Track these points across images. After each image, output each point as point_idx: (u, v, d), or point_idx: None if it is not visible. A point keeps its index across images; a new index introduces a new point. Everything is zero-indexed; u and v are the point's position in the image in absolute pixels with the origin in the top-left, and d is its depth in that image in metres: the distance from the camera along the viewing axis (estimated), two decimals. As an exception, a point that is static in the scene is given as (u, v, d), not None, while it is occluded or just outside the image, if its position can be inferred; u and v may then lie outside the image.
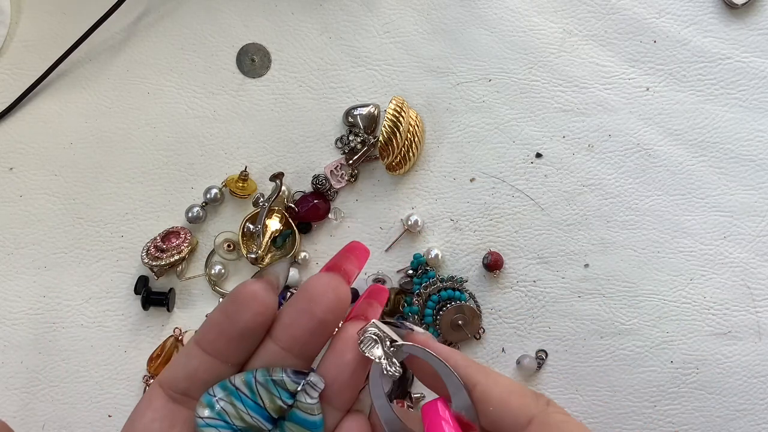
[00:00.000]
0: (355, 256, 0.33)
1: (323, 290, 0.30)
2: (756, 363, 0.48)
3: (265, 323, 0.30)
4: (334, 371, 0.30)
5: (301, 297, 0.30)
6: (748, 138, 0.50)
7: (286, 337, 0.30)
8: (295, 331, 0.30)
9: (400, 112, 0.48)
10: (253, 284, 0.30)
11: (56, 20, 0.52)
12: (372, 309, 0.34)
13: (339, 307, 0.30)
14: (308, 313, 0.30)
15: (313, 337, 0.30)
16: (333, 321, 0.30)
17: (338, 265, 0.32)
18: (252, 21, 0.52)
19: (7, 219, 0.50)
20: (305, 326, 0.30)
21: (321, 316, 0.29)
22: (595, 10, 0.51)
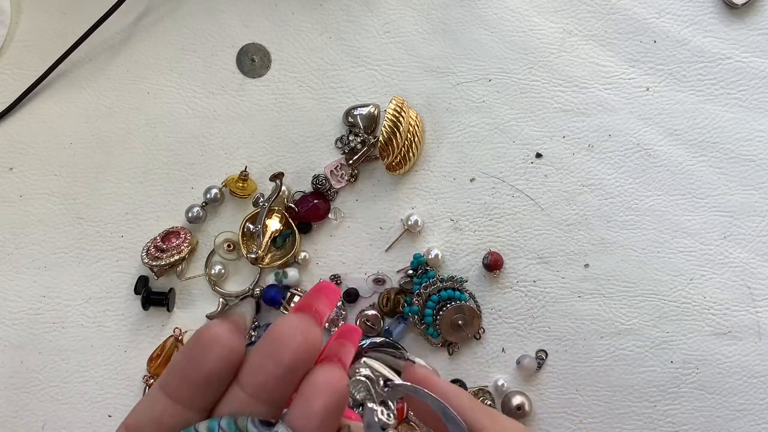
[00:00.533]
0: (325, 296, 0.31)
1: (291, 333, 0.28)
2: (756, 363, 0.48)
3: (230, 368, 0.28)
4: (302, 421, 0.28)
5: (268, 340, 0.29)
6: (748, 138, 0.50)
7: (253, 384, 0.28)
8: (261, 378, 0.28)
9: (400, 112, 0.48)
10: (217, 326, 0.29)
11: (56, 20, 0.52)
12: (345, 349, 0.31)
13: (308, 351, 0.28)
14: (275, 359, 0.28)
15: (280, 384, 0.28)
16: (302, 366, 0.28)
17: (308, 305, 0.31)
18: (252, 21, 0.52)
19: (7, 219, 0.50)
20: (272, 372, 0.28)
21: (288, 362, 0.28)
22: (595, 10, 0.51)
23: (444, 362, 0.49)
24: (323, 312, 0.31)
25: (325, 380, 0.28)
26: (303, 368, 0.28)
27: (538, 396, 0.48)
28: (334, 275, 0.49)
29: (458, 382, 0.48)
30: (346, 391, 0.29)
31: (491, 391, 0.48)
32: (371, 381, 0.28)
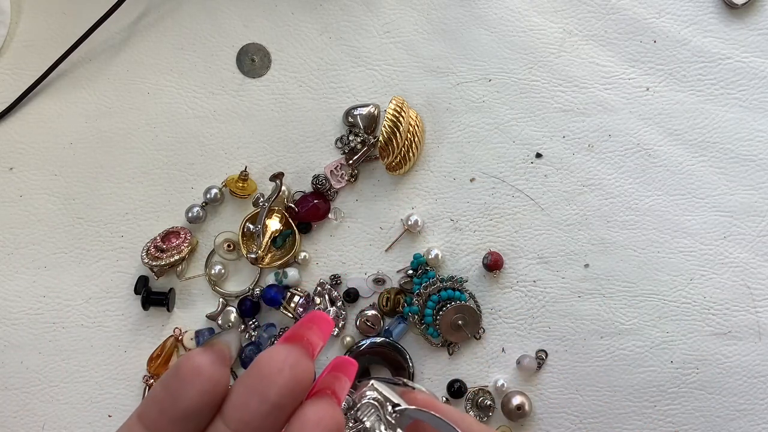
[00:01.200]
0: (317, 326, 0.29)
1: (278, 368, 0.26)
2: (756, 363, 0.48)
3: (212, 402, 0.26)
4: None
5: (254, 374, 0.26)
6: (748, 138, 0.50)
7: (236, 420, 0.26)
8: (246, 415, 0.26)
9: (400, 112, 0.48)
10: (199, 356, 0.26)
11: (56, 20, 0.52)
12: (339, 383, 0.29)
13: (297, 387, 0.26)
14: (260, 395, 0.26)
15: (266, 422, 0.26)
16: (290, 403, 0.26)
17: (299, 335, 0.28)
18: (252, 21, 0.52)
19: (7, 219, 0.50)
20: (256, 410, 0.26)
21: (275, 399, 0.26)
22: (595, 10, 0.51)
23: (444, 362, 0.49)
24: (316, 343, 0.29)
25: (316, 418, 0.26)
26: (291, 404, 0.27)
27: (538, 396, 0.48)
28: (334, 275, 0.49)
29: (458, 382, 0.48)
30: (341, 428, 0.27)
31: (491, 391, 0.48)
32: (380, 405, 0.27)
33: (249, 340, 0.49)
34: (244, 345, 0.48)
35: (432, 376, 0.49)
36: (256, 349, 0.48)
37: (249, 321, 0.49)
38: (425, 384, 0.49)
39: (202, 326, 0.49)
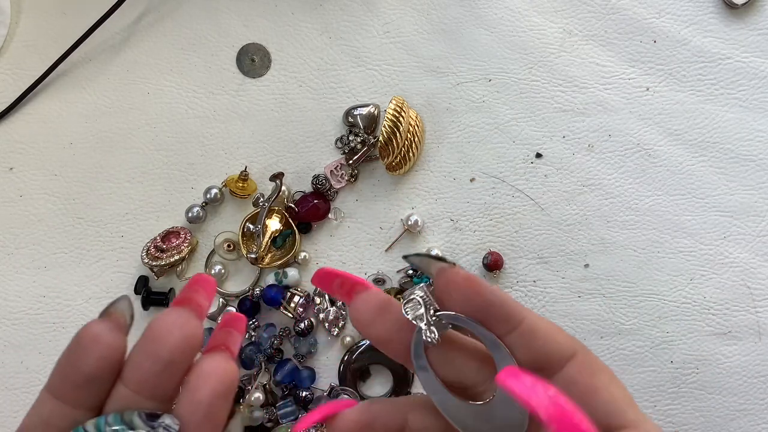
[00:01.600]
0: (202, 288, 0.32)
1: (168, 329, 0.29)
2: (756, 363, 0.48)
3: (112, 366, 0.29)
4: (188, 410, 0.28)
5: (146, 337, 0.29)
6: (748, 138, 0.50)
7: (134, 380, 0.29)
8: (142, 374, 0.28)
9: (400, 112, 0.48)
10: (96, 325, 0.29)
11: (56, 20, 0.52)
12: (231, 337, 0.32)
13: (188, 344, 0.29)
14: (153, 355, 0.28)
15: (161, 379, 0.29)
16: (182, 360, 0.29)
17: (188, 298, 0.31)
18: (252, 21, 0.52)
19: (7, 219, 0.50)
20: (150, 369, 0.28)
21: (167, 357, 0.28)
22: (595, 10, 0.51)
23: (444, 362, 0.49)
24: (203, 304, 0.31)
25: (210, 369, 0.29)
26: (183, 361, 0.29)
27: (538, 396, 0.48)
28: (334, 275, 0.49)
29: (458, 382, 0.48)
30: (234, 378, 0.29)
31: (491, 391, 0.48)
32: (425, 304, 0.29)
33: (249, 340, 0.49)
34: (245, 345, 0.48)
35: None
36: (256, 348, 0.48)
37: (249, 321, 0.49)
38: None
39: (202, 326, 0.49)
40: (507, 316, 0.29)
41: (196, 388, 0.28)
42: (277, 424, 0.47)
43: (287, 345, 0.49)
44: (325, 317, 0.48)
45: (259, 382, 0.48)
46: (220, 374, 0.29)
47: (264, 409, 0.47)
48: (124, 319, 0.31)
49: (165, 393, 0.29)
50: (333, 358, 0.49)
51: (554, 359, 0.29)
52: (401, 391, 0.48)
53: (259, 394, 0.47)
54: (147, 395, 0.29)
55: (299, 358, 0.48)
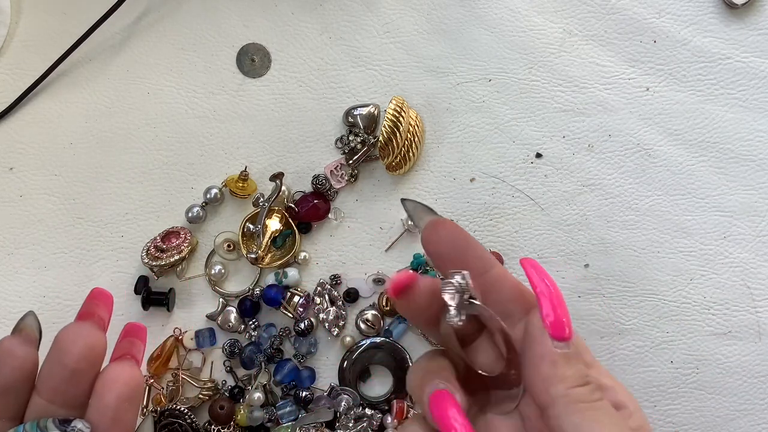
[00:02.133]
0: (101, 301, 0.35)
1: (72, 340, 0.32)
2: (756, 363, 0.48)
3: (25, 377, 0.32)
4: (96, 414, 0.31)
5: (53, 349, 0.32)
6: (748, 138, 0.50)
7: (47, 389, 0.31)
8: (52, 383, 0.31)
9: (400, 112, 0.48)
10: (8, 340, 0.32)
11: (56, 20, 0.52)
12: (134, 347, 0.35)
13: (92, 354, 0.32)
14: (59, 364, 0.31)
15: (70, 387, 0.31)
16: (88, 368, 0.32)
17: (89, 312, 0.34)
18: (252, 21, 0.52)
19: (7, 219, 0.50)
20: (59, 377, 0.31)
21: (73, 366, 0.31)
22: (595, 10, 0.51)
23: (444, 362, 0.49)
24: (104, 317, 0.35)
25: (114, 376, 0.32)
26: (89, 370, 0.32)
27: (538, 396, 0.48)
28: (334, 275, 0.49)
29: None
30: (139, 382, 0.33)
31: (491, 391, 0.48)
32: (462, 289, 0.32)
33: (249, 340, 0.49)
34: (245, 345, 0.48)
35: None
36: (256, 348, 0.48)
37: (249, 321, 0.49)
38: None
39: (202, 326, 0.49)
40: (483, 257, 0.34)
41: (102, 394, 0.32)
42: (277, 424, 0.47)
43: (287, 345, 0.49)
44: (325, 317, 0.48)
45: (259, 382, 0.48)
46: (125, 379, 0.32)
47: (264, 409, 0.47)
48: (33, 333, 0.33)
49: (76, 400, 0.32)
50: (333, 358, 0.49)
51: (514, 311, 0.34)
52: (401, 391, 0.48)
53: (259, 394, 0.47)
54: (60, 403, 0.32)
55: (299, 358, 0.48)
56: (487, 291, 0.33)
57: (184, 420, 0.46)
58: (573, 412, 0.29)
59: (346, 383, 0.48)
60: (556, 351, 0.30)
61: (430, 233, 0.35)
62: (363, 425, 0.47)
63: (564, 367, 0.30)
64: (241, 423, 0.47)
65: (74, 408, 0.32)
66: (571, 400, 0.29)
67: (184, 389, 0.48)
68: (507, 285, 0.34)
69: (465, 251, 0.34)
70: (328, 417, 0.47)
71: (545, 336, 0.30)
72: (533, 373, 0.31)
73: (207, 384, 0.48)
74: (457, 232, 0.34)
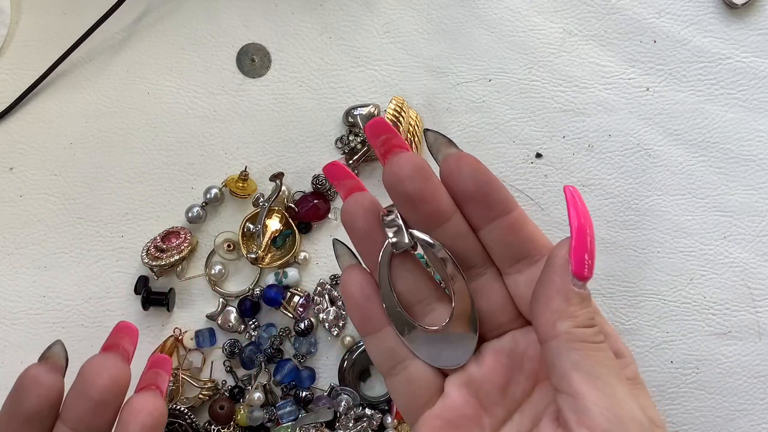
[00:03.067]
0: (126, 334, 0.36)
1: (97, 372, 0.33)
2: (756, 363, 0.48)
3: (51, 405, 0.33)
4: None
5: (78, 380, 0.33)
6: (748, 138, 0.50)
7: (72, 419, 0.32)
8: (77, 413, 0.32)
9: (400, 112, 0.48)
10: (35, 368, 0.33)
11: (56, 20, 0.52)
12: (160, 377, 0.37)
13: (116, 385, 0.33)
14: (85, 395, 0.32)
15: (95, 417, 0.32)
16: (112, 399, 0.33)
17: (114, 344, 0.35)
18: (252, 21, 0.52)
19: (7, 219, 0.50)
20: (84, 407, 0.32)
21: (98, 397, 0.32)
22: (595, 10, 0.51)
23: (444, 362, 0.49)
24: (128, 349, 0.36)
25: (140, 406, 0.33)
26: (114, 400, 0.33)
27: (538, 396, 0.48)
28: (334, 275, 0.49)
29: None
30: (163, 413, 0.34)
31: (491, 391, 0.48)
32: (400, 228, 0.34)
33: (249, 340, 0.49)
34: (244, 345, 0.48)
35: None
36: (256, 348, 0.48)
37: (249, 321, 0.49)
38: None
39: (202, 326, 0.49)
40: (505, 199, 0.34)
41: (127, 423, 0.33)
42: (277, 424, 0.47)
43: (287, 345, 0.49)
44: (325, 317, 0.48)
45: (259, 382, 0.48)
46: (149, 410, 0.33)
47: (264, 409, 0.47)
48: (60, 361, 0.34)
49: (100, 429, 0.33)
50: (333, 358, 0.49)
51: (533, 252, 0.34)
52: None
53: (259, 394, 0.47)
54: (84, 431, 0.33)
55: (299, 358, 0.48)
56: (507, 233, 0.34)
57: (184, 420, 0.46)
58: (575, 348, 0.30)
59: (346, 383, 0.48)
60: (572, 288, 0.31)
61: (452, 167, 0.34)
62: (363, 425, 0.47)
63: (577, 305, 0.31)
64: (241, 423, 0.47)
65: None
66: (576, 337, 0.30)
67: (184, 389, 0.48)
68: (526, 229, 0.34)
69: (487, 189, 0.33)
70: (328, 417, 0.47)
71: (566, 270, 0.32)
72: (544, 303, 0.31)
73: (207, 384, 0.48)
74: (480, 169, 0.33)
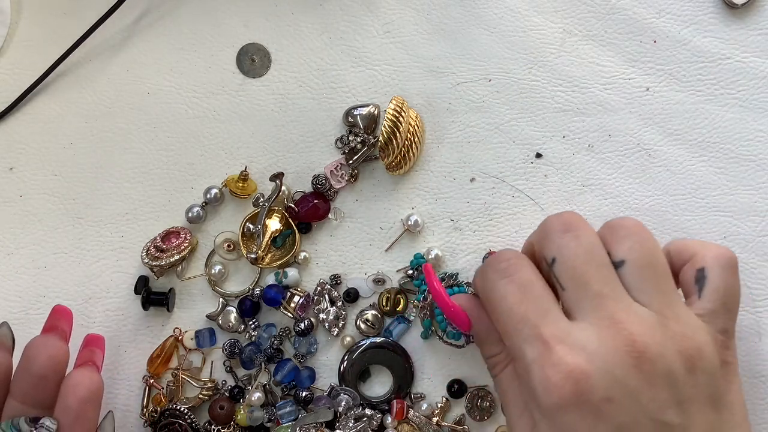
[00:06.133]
0: (62, 317, 0.41)
1: (36, 351, 0.38)
2: (756, 363, 0.48)
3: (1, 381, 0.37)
4: (61, 414, 0.36)
5: (23, 357, 0.38)
6: (748, 138, 0.50)
7: (19, 393, 0.37)
8: (22, 387, 0.37)
9: (400, 112, 0.48)
10: None
11: (56, 20, 0.52)
12: (94, 355, 0.41)
13: (55, 362, 0.37)
14: (28, 372, 0.37)
15: (38, 391, 0.37)
16: (53, 374, 0.37)
17: (53, 326, 0.40)
18: (252, 21, 0.52)
19: (7, 219, 0.50)
20: (29, 382, 0.37)
21: (39, 372, 0.37)
22: (595, 10, 0.51)
23: (444, 362, 0.49)
24: (66, 329, 0.41)
25: (77, 380, 0.37)
26: (54, 376, 0.37)
27: (538, 396, 0.48)
28: (334, 275, 0.49)
29: (458, 382, 0.48)
30: (99, 386, 0.38)
31: (491, 392, 0.48)
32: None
33: (249, 340, 0.49)
34: (244, 345, 0.48)
35: (432, 375, 0.49)
36: (256, 348, 0.48)
37: (249, 321, 0.49)
38: (425, 384, 0.49)
39: (202, 326, 0.49)
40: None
41: (66, 396, 0.37)
42: (277, 424, 0.47)
43: (287, 345, 0.49)
44: (325, 317, 0.48)
45: (259, 382, 0.48)
46: (86, 384, 0.37)
47: (264, 409, 0.47)
48: (7, 342, 0.40)
49: (44, 401, 0.37)
50: (333, 358, 0.49)
51: None
52: (401, 391, 0.48)
53: (259, 394, 0.47)
54: (30, 404, 0.37)
55: (299, 358, 0.48)
56: None
57: (184, 420, 0.46)
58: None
59: (346, 383, 0.48)
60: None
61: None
62: (363, 425, 0.47)
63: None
64: (241, 423, 0.47)
65: (44, 408, 0.37)
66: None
67: (184, 389, 0.48)
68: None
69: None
70: (328, 417, 0.47)
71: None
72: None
73: (207, 384, 0.48)
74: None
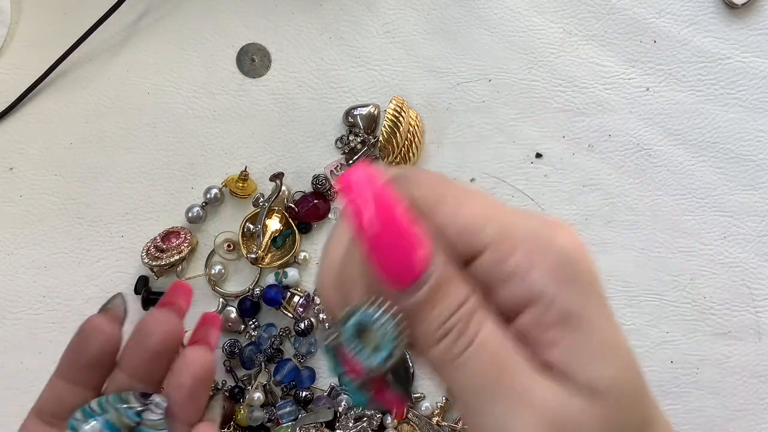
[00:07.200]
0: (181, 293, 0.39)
1: (154, 325, 0.35)
2: (756, 363, 0.48)
3: (110, 352, 0.35)
4: (173, 391, 0.35)
5: (137, 332, 0.36)
6: (748, 138, 0.50)
7: (129, 366, 0.35)
8: (135, 361, 0.35)
9: (400, 112, 0.48)
10: (97, 318, 0.35)
11: (56, 20, 0.52)
12: (210, 333, 0.39)
13: (170, 338, 0.35)
14: (143, 346, 0.35)
15: (151, 365, 0.35)
16: (167, 350, 0.35)
17: (170, 301, 0.38)
18: (252, 21, 0.52)
19: (7, 219, 0.50)
20: (142, 357, 0.35)
21: (154, 348, 0.35)
22: (595, 10, 0.51)
23: (444, 362, 0.49)
24: (183, 306, 0.38)
25: (192, 358, 0.35)
26: (168, 351, 0.35)
27: (538, 396, 0.48)
28: (334, 275, 0.49)
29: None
30: (212, 366, 0.36)
31: (491, 391, 0.48)
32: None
33: (249, 340, 0.49)
34: (244, 345, 0.48)
35: (432, 376, 0.49)
36: (256, 348, 0.48)
37: (249, 321, 0.49)
38: (425, 384, 0.49)
39: (202, 326, 0.49)
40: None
41: (180, 373, 0.35)
42: (277, 424, 0.47)
43: (287, 345, 0.49)
44: (326, 317, 0.48)
45: (259, 382, 0.48)
46: (200, 362, 0.35)
47: (264, 409, 0.47)
48: (120, 313, 0.37)
49: (154, 377, 0.35)
50: (333, 358, 0.49)
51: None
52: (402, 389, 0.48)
53: (259, 394, 0.47)
54: (139, 379, 0.35)
55: (299, 358, 0.48)
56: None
57: (184, 420, 0.46)
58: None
59: (346, 383, 0.48)
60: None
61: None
62: (363, 425, 0.47)
63: None
64: (241, 423, 0.47)
65: (152, 384, 0.35)
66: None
67: (184, 389, 0.48)
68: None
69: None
70: (328, 417, 0.47)
71: None
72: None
73: (207, 384, 0.48)
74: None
